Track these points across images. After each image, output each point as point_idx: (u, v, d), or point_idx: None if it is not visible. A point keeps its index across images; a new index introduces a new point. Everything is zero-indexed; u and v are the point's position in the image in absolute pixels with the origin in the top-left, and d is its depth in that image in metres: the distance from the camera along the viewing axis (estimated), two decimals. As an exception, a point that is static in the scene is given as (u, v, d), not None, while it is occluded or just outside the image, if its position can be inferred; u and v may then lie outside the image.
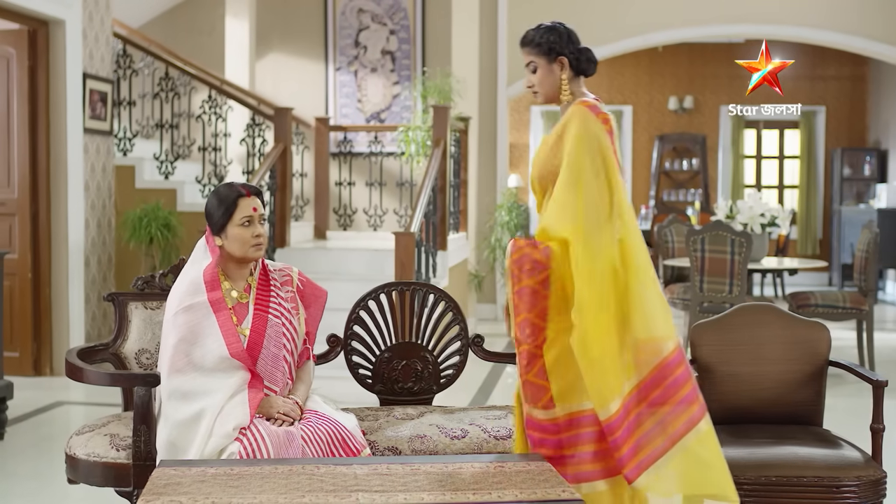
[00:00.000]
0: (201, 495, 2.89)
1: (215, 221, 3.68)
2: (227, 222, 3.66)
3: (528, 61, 3.60)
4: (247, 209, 3.68)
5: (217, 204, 3.69)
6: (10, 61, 7.85)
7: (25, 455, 5.88)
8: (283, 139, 8.97)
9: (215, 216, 3.68)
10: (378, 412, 4.16)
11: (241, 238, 3.67)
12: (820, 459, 3.85)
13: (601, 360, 3.31)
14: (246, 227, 3.68)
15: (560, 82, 3.57)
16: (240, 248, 3.68)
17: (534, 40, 3.57)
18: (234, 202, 3.67)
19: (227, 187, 3.74)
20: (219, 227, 3.68)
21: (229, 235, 3.67)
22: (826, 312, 8.16)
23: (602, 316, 3.33)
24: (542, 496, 2.91)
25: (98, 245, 8.52)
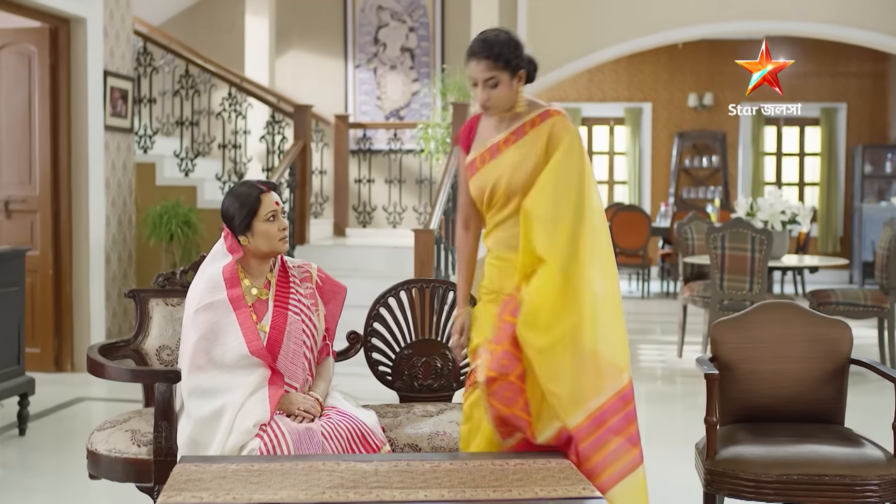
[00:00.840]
0: (222, 491, 2.90)
1: (239, 221, 3.68)
2: (253, 220, 3.67)
3: (488, 77, 3.48)
4: (270, 204, 3.69)
5: (239, 204, 3.68)
6: (32, 59, 7.88)
7: (47, 450, 5.91)
8: (303, 136, 8.99)
9: (238, 216, 3.68)
10: (398, 409, 4.16)
11: (268, 233, 3.69)
12: (842, 458, 3.83)
13: (575, 368, 3.41)
14: (271, 221, 3.69)
15: (516, 95, 3.55)
16: (267, 243, 3.69)
17: (501, 55, 3.47)
18: (258, 199, 3.68)
19: (246, 186, 3.75)
20: (244, 227, 3.68)
21: (256, 232, 3.68)
22: (847, 310, 8.12)
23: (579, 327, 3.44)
24: (563, 494, 2.90)
25: (119, 242, 8.55)
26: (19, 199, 7.95)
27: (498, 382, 3.50)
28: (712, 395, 4.00)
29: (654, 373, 8.65)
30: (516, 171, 3.52)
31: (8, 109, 7.91)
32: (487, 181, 3.57)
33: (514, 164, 3.53)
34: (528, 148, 3.52)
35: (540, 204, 3.47)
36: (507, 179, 3.52)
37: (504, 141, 3.56)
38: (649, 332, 11.10)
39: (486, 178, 3.58)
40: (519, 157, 3.52)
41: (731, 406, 4.31)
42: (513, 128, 3.56)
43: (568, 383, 3.40)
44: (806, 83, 16.48)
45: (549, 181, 3.47)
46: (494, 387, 3.50)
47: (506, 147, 3.55)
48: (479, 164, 3.61)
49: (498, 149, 3.57)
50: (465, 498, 2.88)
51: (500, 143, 3.57)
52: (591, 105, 16.95)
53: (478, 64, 3.48)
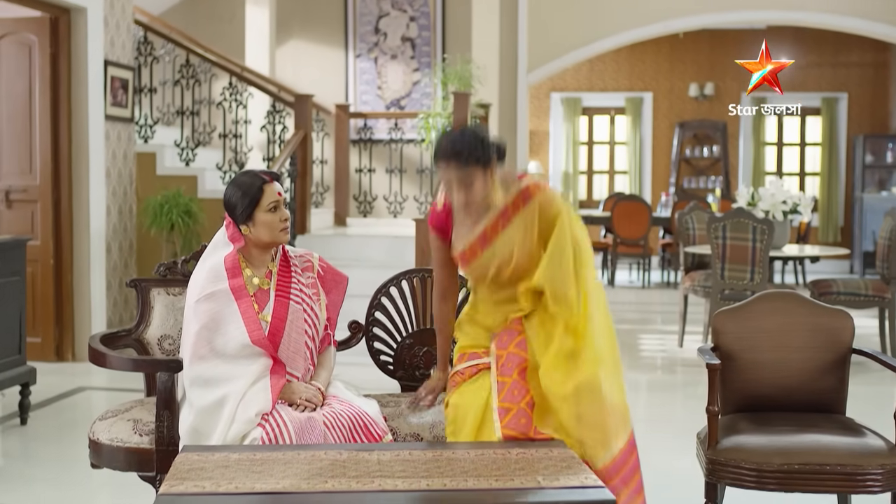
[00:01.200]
0: (224, 480, 2.90)
1: (241, 211, 3.67)
2: (255, 209, 3.66)
3: (463, 179, 3.51)
4: (272, 195, 3.69)
5: (241, 193, 3.67)
6: (32, 48, 7.87)
7: (48, 439, 5.92)
8: (304, 126, 8.98)
9: (240, 205, 3.67)
10: (400, 399, 4.16)
11: (269, 223, 3.68)
12: (843, 447, 3.83)
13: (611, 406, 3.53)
14: (273, 212, 3.68)
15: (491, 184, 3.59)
16: (268, 233, 3.69)
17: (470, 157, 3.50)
18: (260, 189, 3.67)
19: (248, 176, 3.74)
20: (245, 216, 3.67)
21: (257, 222, 3.67)
22: (848, 300, 8.12)
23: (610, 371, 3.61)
24: (565, 483, 2.91)
25: (119, 231, 8.55)
26: (20, 189, 7.94)
27: (511, 413, 3.54)
28: (714, 384, 4.00)
29: (655, 363, 8.66)
30: (519, 257, 3.59)
31: (8, 99, 7.90)
32: (489, 267, 3.64)
33: (510, 251, 3.60)
34: (521, 232, 3.60)
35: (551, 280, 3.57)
36: (512, 265, 3.60)
37: (492, 228, 3.61)
38: (650, 322, 11.11)
39: (483, 266, 3.64)
40: (515, 242, 3.60)
41: (733, 396, 4.31)
42: (496, 212, 3.61)
43: (598, 428, 3.49)
44: (807, 73, 16.46)
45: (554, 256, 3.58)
46: (508, 418, 3.54)
47: (495, 234, 3.61)
48: (470, 255, 3.66)
49: (487, 237, 3.62)
50: (467, 487, 2.88)
51: (488, 230, 3.61)
52: (592, 95, 16.93)
53: (447, 167, 3.54)
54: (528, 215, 3.59)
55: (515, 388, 3.59)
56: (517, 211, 3.60)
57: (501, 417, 3.54)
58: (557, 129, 17.03)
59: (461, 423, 3.62)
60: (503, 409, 3.56)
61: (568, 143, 16.94)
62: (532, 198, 3.61)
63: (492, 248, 3.61)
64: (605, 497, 2.83)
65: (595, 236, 15.76)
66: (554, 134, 17.06)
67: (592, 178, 17.45)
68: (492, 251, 3.62)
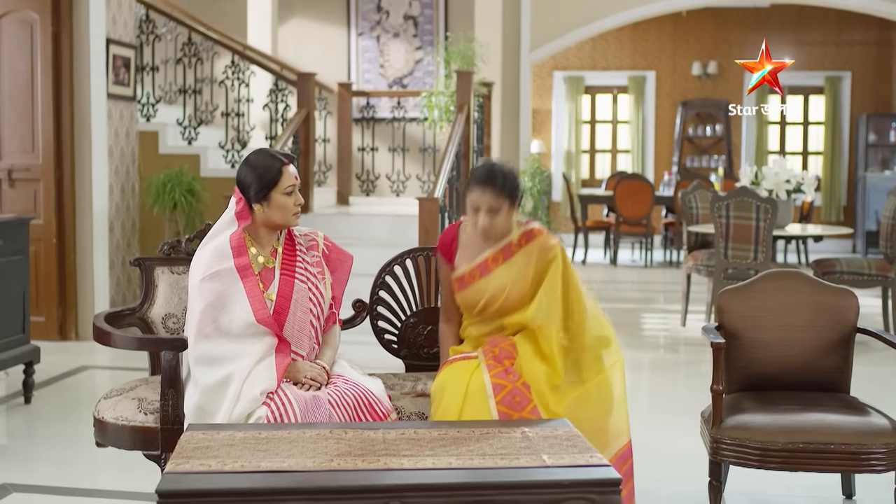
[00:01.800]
0: (230, 459, 2.90)
1: (257, 190, 3.65)
2: (272, 191, 3.66)
3: (493, 206, 3.73)
4: (290, 178, 3.69)
5: (261, 173, 3.66)
6: (34, 26, 7.85)
7: (52, 418, 5.93)
8: (307, 104, 8.95)
9: (257, 185, 3.65)
10: (404, 378, 4.17)
11: (284, 206, 3.68)
12: (848, 426, 3.84)
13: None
14: (289, 195, 3.68)
15: (512, 223, 3.84)
16: (281, 215, 3.69)
17: (506, 187, 3.74)
18: (279, 171, 3.67)
19: (267, 156, 3.72)
20: (262, 195, 3.66)
21: (273, 203, 3.67)
22: (851, 279, 8.11)
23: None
24: (571, 462, 2.90)
25: (122, 210, 8.54)
26: (22, 168, 7.93)
27: (506, 390, 3.67)
28: (718, 363, 4.01)
29: (658, 342, 8.67)
30: (511, 291, 3.78)
31: (10, 77, 7.88)
32: (479, 296, 3.82)
33: (505, 284, 3.79)
34: (519, 269, 3.79)
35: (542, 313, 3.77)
36: (502, 299, 3.79)
37: (493, 259, 3.82)
38: (652, 301, 11.12)
39: (477, 293, 3.83)
40: (510, 277, 3.79)
41: (737, 374, 4.31)
42: (500, 245, 3.82)
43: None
44: (810, 51, 16.42)
45: (548, 293, 3.79)
46: (503, 395, 3.66)
47: (495, 265, 3.81)
48: (468, 280, 3.85)
49: (487, 267, 3.81)
50: (473, 465, 2.88)
51: (489, 260, 3.82)
52: (595, 73, 16.89)
53: (483, 193, 3.74)
54: (527, 254, 3.81)
55: (509, 371, 3.69)
56: (519, 248, 3.81)
57: (496, 393, 3.60)
58: (560, 108, 17.00)
59: (448, 398, 3.67)
60: (497, 385, 3.64)
61: (570, 121, 16.91)
62: (534, 239, 3.82)
63: (488, 279, 3.81)
64: (611, 476, 2.82)
65: (597, 215, 15.76)
66: (556, 113, 17.03)
67: (595, 157, 17.42)
68: (487, 281, 3.81)
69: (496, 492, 2.78)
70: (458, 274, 3.88)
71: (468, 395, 3.62)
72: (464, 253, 3.91)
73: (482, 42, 10.60)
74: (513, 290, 3.79)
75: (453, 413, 3.61)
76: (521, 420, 3.47)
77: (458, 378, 3.69)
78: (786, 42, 16.44)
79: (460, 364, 3.78)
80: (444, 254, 3.97)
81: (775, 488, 4.66)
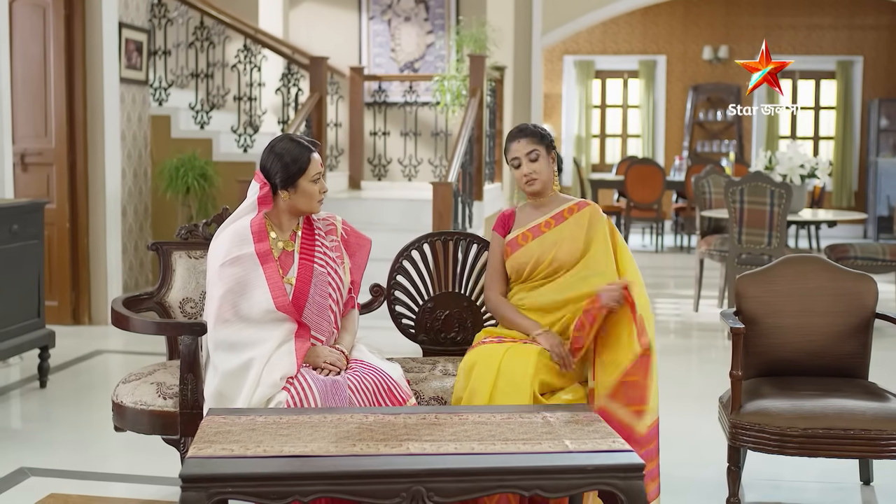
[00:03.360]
0: (252, 443, 2.90)
1: (286, 177, 3.66)
2: (300, 178, 3.66)
3: (529, 150, 3.94)
4: (317, 166, 3.71)
5: (290, 160, 3.66)
6: (47, 11, 7.83)
7: (67, 402, 5.94)
8: (319, 89, 8.94)
9: (284, 172, 3.65)
10: (423, 363, 4.16)
11: (311, 193, 3.69)
12: (868, 412, 3.83)
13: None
14: (316, 182, 3.69)
15: (553, 175, 4.02)
16: (307, 202, 3.70)
17: (536, 132, 3.97)
18: (308, 159, 3.68)
19: (295, 144, 3.72)
20: (290, 183, 3.66)
21: (300, 189, 3.67)
22: (865, 265, 8.07)
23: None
24: (593, 447, 2.90)
25: (134, 195, 8.54)
26: (35, 152, 7.93)
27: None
28: (738, 349, 4.00)
29: (671, 327, 8.65)
30: (560, 249, 3.90)
31: (23, 62, 7.87)
32: (530, 257, 3.93)
33: (557, 243, 3.92)
34: (570, 230, 3.93)
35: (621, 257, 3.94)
36: (552, 256, 3.90)
37: (545, 223, 3.98)
38: (664, 287, 11.09)
39: (528, 254, 3.94)
40: (562, 238, 3.92)
41: (755, 360, 4.30)
42: (552, 213, 3.99)
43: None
44: (822, 36, 16.35)
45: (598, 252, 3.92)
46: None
47: (547, 229, 3.96)
48: (521, 241, 3.98)
49: (540, 230, 3.97)
50: (495, 451, 2.88)
51: (542, 224, 3.98)
52: (605, 58, 16.84)
53: (519, 143, 3.96)
54: (579, 220, 3.94)
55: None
56: (570, 215, 3.96)
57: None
58: (570, 92, 16.95)
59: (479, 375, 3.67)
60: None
61: (581, 106, 16.87)
62: (585, 208, 3.98)
63: (540, 240, 3.93)
64: (633, 461, 2.82)
65: (608, 200, 15.73)
66: (567, 97, 16.99)
67: (605, 142, 17.39)
68: (539, 242, 3.93)
69: (520, 477, 2.78)
70: (511, 237, 4.01)
71: (501, 370, 3.64)
72: (519, 224, 4.05)
73: (494, 26, 10.56)
74: (561, 248, 3.90)
75: (484, 389, 3.62)
76: (541, 405, 3.46)
77: (491, 355, 3.70)
78: (797, 26, 16.38)
79: (492, 345, 3.79)
80: (501, 230, 4.08)
81: (790, 473, 4.66)
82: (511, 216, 4.10)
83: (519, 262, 3.96)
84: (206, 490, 2.68)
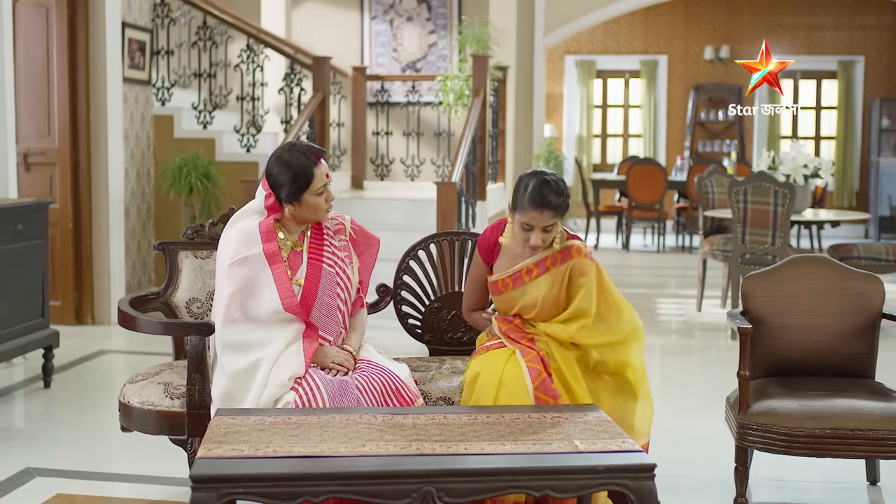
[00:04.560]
0: (262, 444, 2.90)
1: (288, 193, 3.63)
2: (304, 193, 3.64)
3: (548, 224, 3.73)
4: (321, 178, 3.66)
5: (293, 177, 3.62)
6: (50, 10, 7.83)
7: (72, 403, 5.93)
8: (322, 88, 8.94)
9: (287, 188, 3.62)
10: (429, 363, 4.16)
11: (316, 205, 3.67)
12: (875, 412, 3.83)
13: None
14: (321, 195, 3.66)
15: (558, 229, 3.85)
16: (313, 213, 3.69)
17: (559, 204, 3.73)
18: (312, 174, 3.64)
19: (298, 155, 3.66)
20: (294, 198, 3.64)
21: (304, 204, 3.65)
22: (869, 265, 8.05)
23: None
24: (603, 447, 2.90)
25: (137, 195, 8.54)
26: (38, 152, 7.92)
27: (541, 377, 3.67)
28: (745, 349, 3.99)
29: (674, 327, 8.65)
30: (544, 304, 3.82)
31: (26, 62, 7.86)
32: (513, 304, 3.87)
33: (536, 298, 3.81)
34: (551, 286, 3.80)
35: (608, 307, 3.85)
36: (535, 311, 3.83)
37: (527, 271, 3.83)
38: (665, 287, 11.10)
39: (511, 301, 3.87)
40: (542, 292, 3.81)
41: (762, 360, 4.30)
42: (536, 258, 3.83)
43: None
44: (823, 35, 16.34)
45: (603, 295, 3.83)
46: (539, 381, 3.66)
47: (529, 278, 3.82)
48: (501, 287, 3.88)
49: (521, 278, 3.84)
50: (505, 451, 2.88)
51: (524, 272, 3.83)
52: (607, 57, 16.83)
53: (541, 214, 3.71)
54: (561, 274, 3.81)
55: (542, 359, 3.72)
56: (554, 265, 3.82)
57: (533, 378, 3.58)
58: (571, 92, 16.95)
59: (482, 386, 3.65)
60: (534, 370, 3.63)
61: (582, 106, 16.87)
62: (570, 259, 3.82)
63: (521, 290, 3.84)
64: (644, 461, 2.82)
65: (609, 200, 15.73)
66: (568, 97, 16.98)
67: (606, 142, 17.38)
68: (521, 292, 3.84)
69: (530, 477, 2.78)
70: (493, 279, 3.91)
71: (503, 382, 3.60)
72: (504, 257, 3.92)
73: (497, 26, 10.56)
74: (545, 303, 3.81)
75: (488, 401, 3.60)
76: (550, 405, 3.46)
77: (493, 365, 3.68)
78: (799, 26, 16.37)
79: (494, 353, 3.77)
80: (484, 254, 3.98)
81: (794, 473, 4.65)
82: (496, 245, 3.95)
83: (503, 306, 3.93)
84: (216, 490, 2.68)
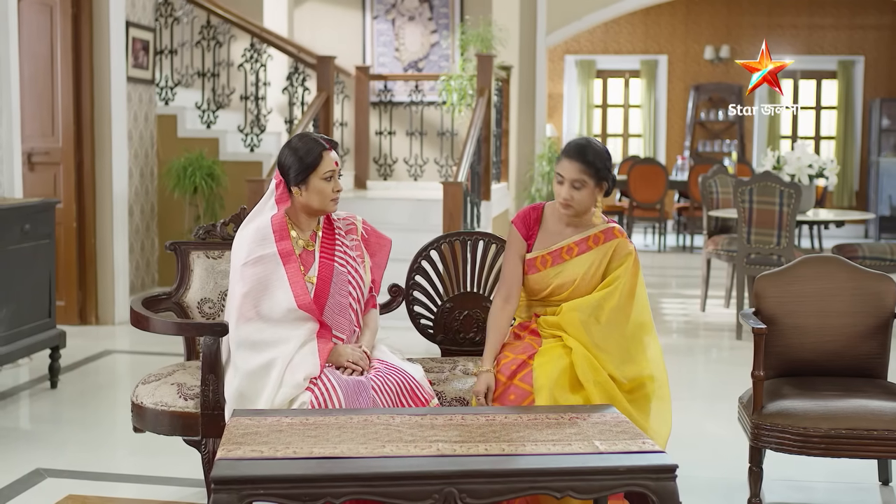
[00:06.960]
0: (281, 445, 2.89)
1: (296, 173, 3.64)
2: (311, 174, 3.64)
3: (575, 178, 3.70)
4: (330, 163, 3.67)
5: (300, 157, 3.65)
6: (54, 10, 7.81)
7: (79, 403, 5.92)
8: (326, 88, 8.93)
9: (296, 168, 3.64)
10: (442, 364, 4.15)
11: (322, 191, 3.66)
12: (890, 412, 3.83)
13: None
14: (328, 181, 3.66)
15: (595, 203, 3.80)
16: (319, 200, 3.67)
17: (593, 163, 3.70)
18: (319, 155, 3.65)
19: (309, 140, 3.70)
20: (301, 179, 3.64)
21: (311, 187, 3.65)
22: (874, 265, 8.03)
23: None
24: (624, 448, 2.89)
25: (141, 194, 8.52)
26: (42, 152, 7.90)
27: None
28: (759, 349, 3.99)
29: (678, 327, 8.64)
30: (580, 285, 3.77)
31: (30, 61, 7.84)
32: (548, 284, 3.81)
33: (574, 278, 3.77)
34: (591, 264, 3.77)
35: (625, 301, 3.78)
36: (569, 291, 3.77)
37: (567, 249, 3.80)
38: (667, 286, 11.10)
39: (545, 280, 3.81)
40: (581, 272, 3.77)
41: (774, 360, 4.29)
42: (577, 237, 3.81)
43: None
44: (823, 35, 16.35)
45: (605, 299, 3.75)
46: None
47: (569, 256, 3.79)
48: (539, 264, 3.82)
49: (561, 256, 3.80)
50: (526, 452, 2.87)
51: (564, 250, 3.80)
52: (607, 57, 16.83)
53: (570, 164, 3.71)
54: (603, 252, 3.78)
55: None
56: (596, 244, 3.79)
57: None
58: (572, 92, 16.95)
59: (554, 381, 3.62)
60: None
61: (582, 105, 16.86)
62: (613, 239, 3.80)
63: (559, 268, 3.80)
64: (666, 462, 2.81)
65: (610, 200, 15.71)
66: (568, 96, 16.98)
67: (606, 142, 17.37)
68: (557, 270, 3.80)
69: (551, 478, 2.77)
70: (531, 256, 3.84)
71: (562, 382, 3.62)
72: (543, 237, 3.86)
73: (500, 25, 10.55)
74: (581, 283, 3.77)
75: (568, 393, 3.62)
76: (567, 406, 3.45)
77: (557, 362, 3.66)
78: (799, 26, 16.37)
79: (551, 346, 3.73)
80: (523, 229, 3.89)
81: (806, 474, 4.64)
82: (538, 220, 3.90)
83: (534, 286, 3.85)
84: (238, 492, 2.66)
